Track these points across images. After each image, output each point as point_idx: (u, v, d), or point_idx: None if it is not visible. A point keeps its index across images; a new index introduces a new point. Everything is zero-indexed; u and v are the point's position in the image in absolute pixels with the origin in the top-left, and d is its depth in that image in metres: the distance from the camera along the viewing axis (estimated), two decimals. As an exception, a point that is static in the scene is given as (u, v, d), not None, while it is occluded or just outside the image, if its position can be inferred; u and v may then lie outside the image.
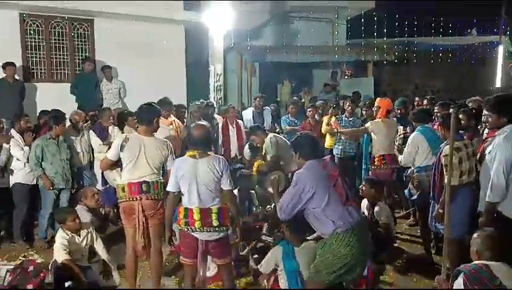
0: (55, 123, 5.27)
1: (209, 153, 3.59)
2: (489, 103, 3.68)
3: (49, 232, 5.43)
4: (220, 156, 3.68)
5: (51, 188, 5.22)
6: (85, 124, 5.99)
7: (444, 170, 3.99)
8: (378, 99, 6.21)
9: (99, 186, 5.75)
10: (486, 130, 4.45)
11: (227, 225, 3.55)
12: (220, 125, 7.09)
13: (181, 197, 3.61)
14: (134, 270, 4.03)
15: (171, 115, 6.16)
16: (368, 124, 5.92)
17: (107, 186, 5.63)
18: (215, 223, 3.45)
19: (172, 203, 3.63)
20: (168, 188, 3.61)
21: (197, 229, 3.45)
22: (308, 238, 4.44)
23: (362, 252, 3.16)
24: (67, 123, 5.78)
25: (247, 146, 6.29)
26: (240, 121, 7.25)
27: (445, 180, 3.91)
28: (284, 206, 3.26)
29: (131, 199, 3.79)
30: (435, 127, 5.38)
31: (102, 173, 5.60)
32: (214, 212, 3.46)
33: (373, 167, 5.81)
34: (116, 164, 4.02)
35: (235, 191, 5.30)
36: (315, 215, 3.18)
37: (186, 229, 3.50)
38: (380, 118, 5.87)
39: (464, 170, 3.97)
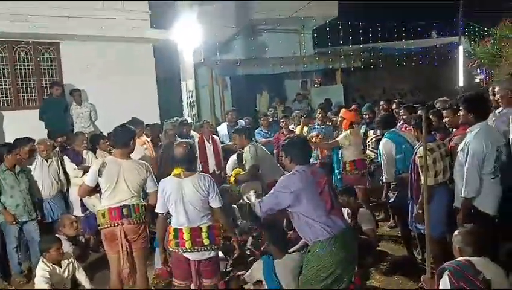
0: (7, 153, 5.02)
1: (193, 171, 3.58)
2: (461, 100, 3.89)
3: (24, 265, 5.21)
4: (206, 174, 3.68)
5: (14, 222, 4.96)
6: (53, 151, 5.76)
7: (420, 171, 4.11)
8: (343, 110, 6.31)
9: (78, 213, 5.58)
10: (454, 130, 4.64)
11: (218, 244, 3.55)
12: (196, 141, 7.07)
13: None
14: None
15: (143, 135, 6.09)
16: (338, 139, 6.04)
17: (87, 212, 5.47)
18: (205, 241, 3.43)
19: (162, 224, 3.61)
20: (157, 210, 3.58)
21: (188, 250, 3.42)
22: (289, 250, 4.54)
23: (347, 260, 3.18)
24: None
25: (232, 158, 6.28)
26: (215, 137, 7.25)
27: (422, 181, 4.05)
28: (263, 203, 3.29)
29: (112, 224, 3.71)
30: (403, 129, 5.57)
31: (81, 200, 5.42)
32: (204, 231, 3.45)
33: (344, 172, 5.93)
34: (95, 190, 3.92)
35: None
36: (300, 221, 3.21)
37: (176, 250, 3.47)
38: (344, 129, 6.02)
39: (439, 169, 4.10)
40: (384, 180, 5.13)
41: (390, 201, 5.22)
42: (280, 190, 3.21)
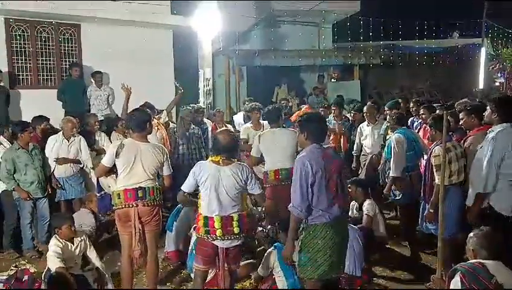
0: (21, 131, 5.08)
1: (233, 159, 3.53)
2: (490, 100, 3.97)
3: (35, 241, 5.29)
4: (244, 164, 3.63)
5: (28, 198, 5.07)
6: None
7: (435, 170, 4.07)
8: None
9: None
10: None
11: (246, 231, 3.58)
12: (209, 129, 7.08)
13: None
14: (131, 278, 3.96)
15: (154, 119, 6.11)
16: None
17: (102, 193, 5.52)
18: (236, 230, 3.44)
19: (183, 200, 3.60)
20: (183, 188, 3.56)
21: (218, 238, 3.42)
22: None
23: (340, 247, 3.25)
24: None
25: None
26: (228, 125, 7.22)
27: (436, 181, 4.01)
28: (296, 202, 3.14)
29: (127, 205, 3.74)
30: (421, 130, 5.55)
31: (97, 180, 5.46)
32: (235, 220, 3.44)
33: None
34: (111, 170, 3.95)
35: None
36: None
37: (206, 238, 3.46)
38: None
39: (454, 170, 4.06)
40: (391, 174, 4.91)
41: (396, 199, 5.12)
42: (299, 179, 3.12)
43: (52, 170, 5.44)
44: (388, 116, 6.55)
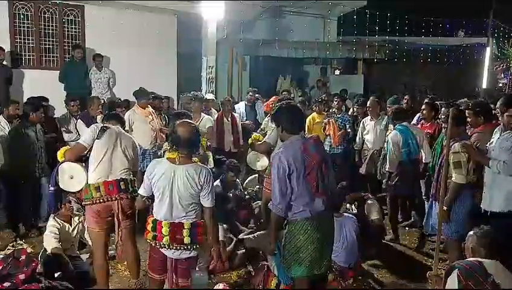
0: (33, 110, 5.16)
1: (193, 159, 3.10)
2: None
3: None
4: (204, 166, 3.13)
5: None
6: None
7: (453, 168, 3.84)
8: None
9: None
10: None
11: (200, 242, 3.11)
12: (215, 117, 7.03)
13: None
14: (107, 279, 3.74)
15: (149, 106, 6.06)
16: None
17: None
18: (186, 240, 3.01)
19: (141, 206, 3.32)
20: (140, 191, 3.20)
21: (165, 246, 3.04)
22: None
23: (323, 242, 3.13)
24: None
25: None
26: (236, 115, 7.15)
27: (453, 178, 3.84)
28: (277, 201, 3.04)
29: (109, 199, 3.47)
30: (419, 126, 5.69)
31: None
32: (186, 228, 3.02)
33: None
34: (81, 159, 3.59)
35: (217, 182, 5.13)
36: None
37: (153, 244, 3.11)
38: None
39: (471, 168, 3.90)
40: (387, 170, 5.23)
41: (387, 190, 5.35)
42: (278, 176, 3.01)
43: None
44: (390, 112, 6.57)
